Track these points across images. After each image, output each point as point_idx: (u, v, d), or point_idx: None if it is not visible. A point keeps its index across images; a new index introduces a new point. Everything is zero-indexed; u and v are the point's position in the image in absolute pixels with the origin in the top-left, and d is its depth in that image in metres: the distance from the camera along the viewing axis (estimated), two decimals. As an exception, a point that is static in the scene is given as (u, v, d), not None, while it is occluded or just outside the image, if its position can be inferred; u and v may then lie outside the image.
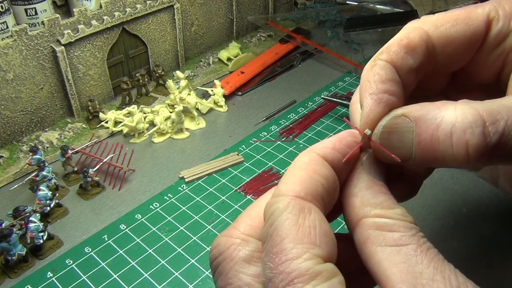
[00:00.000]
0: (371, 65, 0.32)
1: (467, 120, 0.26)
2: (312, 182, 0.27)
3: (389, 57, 0.32)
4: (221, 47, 1.07)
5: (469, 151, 0.26)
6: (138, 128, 0.81)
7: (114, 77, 0.89)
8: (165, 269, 0.58)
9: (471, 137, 0.26)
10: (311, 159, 0.28)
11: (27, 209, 0.60)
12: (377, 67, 0.31)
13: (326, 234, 0.25)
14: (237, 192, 0.70)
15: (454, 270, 0.24)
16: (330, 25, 1.17)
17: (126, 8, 0.84)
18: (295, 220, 0.25)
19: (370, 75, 0.31)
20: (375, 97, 0.30)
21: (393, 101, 0.30)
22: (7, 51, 0.71)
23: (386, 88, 0.30)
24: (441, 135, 0.27)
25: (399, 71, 0.32)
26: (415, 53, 0.32)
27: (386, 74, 0.31)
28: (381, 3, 1.20)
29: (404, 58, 0.32)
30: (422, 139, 0.27)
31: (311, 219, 0.25)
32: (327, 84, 0.96)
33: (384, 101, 0.30)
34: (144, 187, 0.72)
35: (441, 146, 0.27)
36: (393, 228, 0.26)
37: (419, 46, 0.32)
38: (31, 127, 0.79)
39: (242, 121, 0.86)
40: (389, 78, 0.31)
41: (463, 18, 0.33)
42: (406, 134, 0.28)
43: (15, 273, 0.58)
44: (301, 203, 0.26)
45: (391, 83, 0.31)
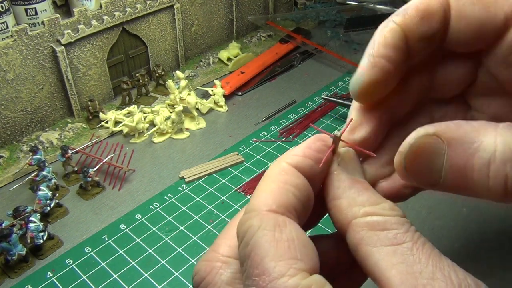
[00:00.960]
0: (384, 25, 0.30)
1: (509, 150, 0.23)
2: (283, 193, 0.26)
3: (404, 20, 0.29)
4: (221, 47, 1.07)
5: (508, 185, 0.23)
6: (138, 128, 0.81)
7: (114, 77, 0.89)
8: (165, 269, 0.58)
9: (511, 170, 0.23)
10: (281, 170, 0.28)
11: (27, 209, 0.60)
12: (387, 29, 0.30)
13: (305, 245, 0.24)
14: (237, 192, 0.70)
15: (452, 265, 0.23)
16: (330, 25, 1.17)
17: (126, 8, 0.84)
18: (271, 236, 0.24)
19: (377, 35, 0.30)
20: (372, 59, 0.29)
21: (388, 68, 0.29)
22: (7, 51, 0.71)
23: (386, 53, 0.29)
24: (478, 163, 0.24)
25: (411, 37, 0.30)
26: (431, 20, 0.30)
27: (393, 38, 0.29)
28: (381, 3, 1.20)
29: (418, 24, 0.29)
30: (454, 164, 0.25)
31: (288, 232, 0.24)
32: (327, 84, 0.96)
33: (379, 66, 0.29)
34: (144, 187, 0.72)
35: (476, 176, 0.24)
36: (385, 226, 0.25)
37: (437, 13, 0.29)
38: (31, 127, 0.79)
39: (242, 121, 0.86)
40: (394, 43, 0.29)
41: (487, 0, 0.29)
42: (437, 157, 0.25)
43: (15, 273, 0.58)
44: (274, 217, 0.25)
45: (393, 49, 0.29)
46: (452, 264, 0.23)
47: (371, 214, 0.26)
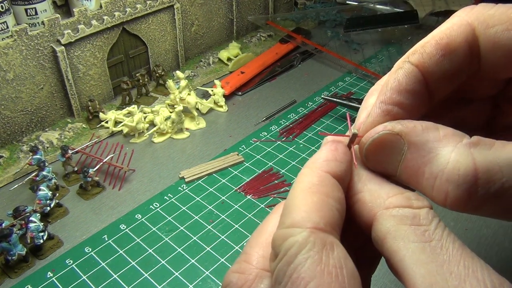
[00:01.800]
0: (398, 66, 0.28)
1: (456, 171, 0.23)
2: (329, 208, 0.24)
3: (421, 60, 0.27)
4: (221, 47, 1.07)
5: (447, 200, 0.24)
6: (138, 128, 0.81)
7: (114, 77, 0.89)
8: (165, 269, 0.58)
9: (453, 189, 0.23)
10: (321, 180, 0.25)
11: (27, 209, 0.60)
12: (402, 71, 0.27)
13: (353, 276, 0.22)
14: (237, 192, 0.70)
15: (486, 267, 0.21)
16: (330, 25, 1.17)
17: (126, 8, 0.84)
18: (318, 259, 0.21)
19: (391, 78, 0.28)
20: (384, 107, 0.27)
21: (402, 116, 0.27)
22: (7, 51, 0.71)
23: (399, 101, 0.27)
24: (427, 172, 0.24)
25: (431, 78, 0.27)
26: (454, 56, 0.27)
27: (407, 83, 0.27)
28: (381, 3, 1.20)
29: (439, 62, 0.27)
30: (409, 165, 0.25)
31: (336, 258, 0.22)
32: (327, 84, 0.96)
33: (392, 114, 0.27)
34: (144, 187, 0.72)
35: (424, 182, 0.25)
36: (414, 220, 0.23)
37: (461, 48, 0.27)
38: (31, 127, 0.79)
39: (242, 121, 0.86)
40: (408, 88, 0.27)
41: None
42: (396, 154, 0.26)
43: (15, 273, 0.58)
44: (322, 237, 0.22)
45: (408, 95, 0.27)
46: (486, 266, 0.22)
47: (397, 205, 0.24)
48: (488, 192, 0.23)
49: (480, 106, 0.33)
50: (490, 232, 0.62)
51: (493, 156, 0.23)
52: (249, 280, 0.25)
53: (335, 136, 0.28)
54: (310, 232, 0.22)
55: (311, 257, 0.21)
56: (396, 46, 1.07)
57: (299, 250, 0.22)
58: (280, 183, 0.71)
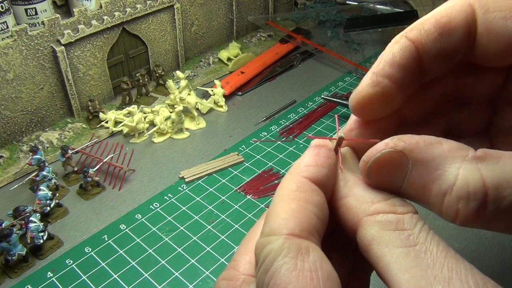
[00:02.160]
0: (395, 40, 0.28)
1: (466, 188, 0.23)
2: (306, 214, 0.24)
3: (418, 36, 0.27)
4: (221, 47, 1.07)
5: (458, 218, 0.24)
6: (138, 128, 0.81)
7: (114, 77, 0.89)
8: (165, 269, 0.58)
9: (463, 207, 0.23)
10: (299, 186, 0.25)
11: (27, 209, 0.60)
12: (398, 45, 0.28)
13: (330, 277, 0.22)
14: (237, 192, 0.70)
15: (470, 268, 0.22)
16: (330, 25, 1.17)
17: (126, 8, 0.84)
18: (293, 264, 0.22)
19: (386, 51, 0.28)
20: (374, 78, 0.27)
21: (390, 89, 0.27)
22: (7, 51, 0.71)
23: (390, 73, 0.27)
24: (435, 190, 0.24)
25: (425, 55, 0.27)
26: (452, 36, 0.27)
27: (401, 57, 0.27)
28: (381, 3, 1.20)
29: (436, 40, 0.27)
30: (415, 183, 0.25)
31: (311, 261, 0.22)
32: (327, 84, 0.96)
33: (381, 86, 0.27)
34: (144, 187, 0.72)
35: (432, 199, 0.24)
36: (398, 225, 0.24)
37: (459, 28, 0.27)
38: (31, 127, 0.79)
39: (242, 121, 0.86)
40: (401, 63, 0.27)
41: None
42: (400, 172, 0.25)
43: (15, 273, 0.58)
44: (297, 242, 0.23)
45: (400, 69, 0.27)
46: (471, 267, 0.22)
47: (382, 211, 0.24)
48: (498, 208, 0.23)
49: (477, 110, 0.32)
50: (490, 232, 0.62)
51: (501, 171, 0.23)
52: (236, 286, 0.26)
53: (320, 140, 0.28)
54: (285, 238, 0.23)
55: (286, 263, 0.22)
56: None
57: (275, 257, 0.22)
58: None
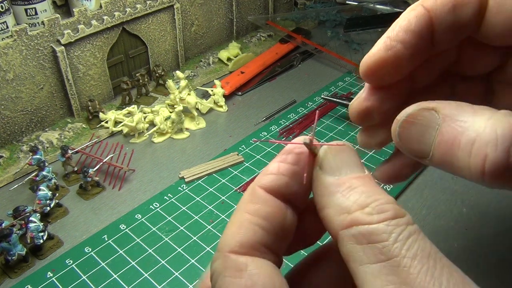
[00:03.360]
0: (412, 8, 0.29)
1: (494, 132, 0.23)
2: (249, 228, 0.24)
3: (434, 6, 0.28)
4: (221, 47, 1.07)
5: (485, 165, 0.23)
6: (138, 128, 0.81)
7: (114, 77, 0.89)
8: (165, 269, 0.58)
9: (491, 151, 0.23)
10: (251, 197, 0.25)
11: (27, 209, 0.60)
12: (413, 13, 0.28)
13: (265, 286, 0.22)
14: (237, 192, 0.70)
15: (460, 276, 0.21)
16: (330, 25, 1.17)
17: (126, 8, 0.84)
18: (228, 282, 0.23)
19: (401, 18, 0.29)
20: (388, 42, 0.28)
21: (403, 54, 0.28)
22: (7, 51, 0.71)
23: (404, 38, 0.28)
24: (464, 140, 0.24)
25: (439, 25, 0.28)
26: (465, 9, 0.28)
27: (416, 24, 0.28)
28: (381, 3, 1.20)
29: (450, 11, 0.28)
30: (444, 139, 0.25)
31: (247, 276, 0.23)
32: (327, 84, 0.96)
33: (394, 50, 0.28)
34: (144, 187, 0.72)
35: (460, 152, 0.24)
36: (371, 237, 0.22)
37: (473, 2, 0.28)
38: (31, 127, 0.79)
39: (242, 121, 0.86)
40: (416, 30, 0.28)
41: None
42: (430, 130, 0.25)
43: (15, 273, 0.58)
44: (235, 259, 0.23)
45: (414, 35, 0.28)
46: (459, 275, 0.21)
47: (356, 223, 0.23)
48: None
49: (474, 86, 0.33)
50: (491, 232, 0.62)
51: None
52: None
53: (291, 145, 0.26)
54: (224, 257, 0.24)
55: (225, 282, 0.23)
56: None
57: (217, 275, 0.23)
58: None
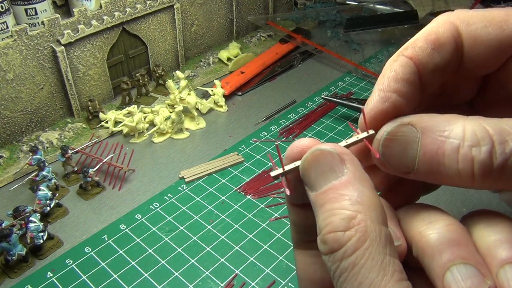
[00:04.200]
0: (393, 59, 0.30)
1: (475, 136, 0.25)
2: None
3: (414, 53, 0.30)
4: (221, 47, 1.07)
5: (475, 168, 0.25)
6: (138, 128, 0.81)
7: (114, 77, 0.89)
8: (165, 269, 0.58)
9: (477, 154, 0.25)
10: None
11: (27, 209, 0.60)
12: (397, 63, 0.30)
13: None
14: (237, 192, 0.70)
15: None
16: (330, 25, 1.17)
17: (126, 8, 0.84)
18: None
19: (387, 70, 0.30)
20: (382, 94, 0.29)
21: (400, 103, 0.29)
22: (7, 51, 0.71)
23: (397, 88, 0.29)
24: (448, 148, 0.25)
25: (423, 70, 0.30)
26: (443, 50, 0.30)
27: (403, 72, 0.29)
28: (381, 3, 1.20)
29: (431, 55, 0.30)
30: (427, 150, 0.26)
31: None
32: (327, 84, 0.96)
33: (391, 100, 0.29)
34: (144, 187, 0.72)
35: (447, 161, 0.26)
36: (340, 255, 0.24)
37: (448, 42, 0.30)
38: (31, 127, 0.79)
39: (242, 121, 0.86)
40: (404, 77, 0.29)
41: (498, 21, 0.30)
42: (411, 144, 0.27)
43: (15, 273, 0.58)
44: None
45: (404, 83, 0.29)
46: None
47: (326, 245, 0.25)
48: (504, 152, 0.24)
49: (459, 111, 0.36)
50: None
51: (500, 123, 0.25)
52: None
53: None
54: None
55: None
56: (396, 46, 1.07)
57: None
58: (280, 183, 0.71)
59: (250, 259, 0.59)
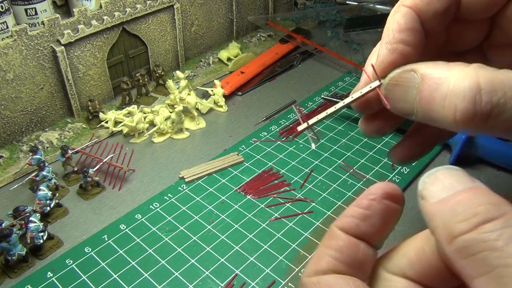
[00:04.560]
0: (394, 11, 0.31)
1: (462, 84, 0.25)
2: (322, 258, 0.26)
3: (413, 2, 0.31)
4: (221, 47, 1.07)
5: (456, 115, 0.26)
6: (138, 128, 0.81)
7: (114, 77, 0.89)
8: (165, 269, 0.58)
9: (459, 101, 0.25)
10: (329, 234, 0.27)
11: (27, 209, 0.60)
12: (399, 14, 0.31)
13: None
14: (237, 192, 0.70)
15: None
16: (330, 25, 1.17)
17: (126, 8, 0.84)
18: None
19: (390, 22, 0.31)
20: (389, 46, 0.30)
21: (408, 52, 0.30)
22: (7, 51, 0.71)
23: (402, 38, 0.30)
24: (438, 95, 0.26)
25: (424, 17, 0.31)
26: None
27: (406, 22, 0.30)
28: (381, 3, 1.20)
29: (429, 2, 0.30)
30: (423, 96, 0.27)
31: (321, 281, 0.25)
32: (327, 84, 0.96)
33: (398, 51, 0.30)
34: (144, 187, 0.72)
35: (435, 106, 0.27)
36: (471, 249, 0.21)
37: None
38: (31, 127, 0.79)
39: (242, 121, 0.86)
40: (408, 27, 0.30)
41: None
42: (411, 89, 0.28)
43: (15, 273, 0.58)
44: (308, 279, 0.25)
45: (409, 32, 0.30)
46: None
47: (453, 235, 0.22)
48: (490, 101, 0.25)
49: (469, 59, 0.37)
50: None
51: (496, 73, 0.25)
52: None
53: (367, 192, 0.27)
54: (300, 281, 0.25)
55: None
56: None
57: None
58: (280, 183, 0.71)
59: (250, 259, 0.59)
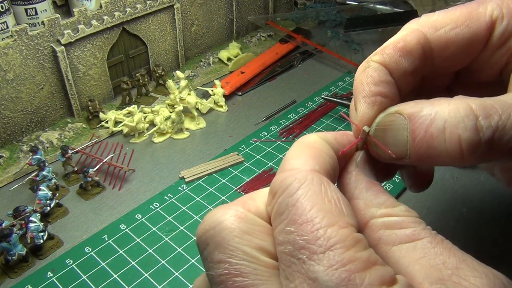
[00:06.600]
0: (364, 66, 0.32)
1: (459, 114, 0.26)
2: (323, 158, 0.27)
3: (383, 59, 0.31)
4: (221, 47, 1.07)
5: (462, 146, 0.26)
6: (138, 128, 0.81)
7: (114, 77, 0.89)
8: (165, 269, 0.58)
9: (462, 131, 0.25)
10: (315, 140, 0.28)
11: (27, 209, 0.60)
12: (370, 69, 0.31)
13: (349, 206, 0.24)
14: (237, 192, 0.70)
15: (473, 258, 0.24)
16: (330, 25, 1.17)
17: (126, 8, 0.84)
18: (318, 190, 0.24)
19: (363, 77, 0.31)
20: (368, 100, 0.30)
21: (386, 103, 0.30)
22: (7, 51, 0.71)
23: (379, 90, 0.30)
24: (435, 130, 0.26)
25: (393, 74, 0.31)
26: (411, 57, 0.32)
27: (379, 75, 0.31)
28: (381, 3, 1.20)
29: (398, 62, 0.31)
30: (416, 135, 0.27)
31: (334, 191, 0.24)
32: (327, 84, 0.96)
33: (377, 103, 0.30)
34: (144, 187, 0.72)
35: (435, 142, 0.26)
36: (403, 225, 0.25)
37: (415, 49, 0.32)
38: (31, 127, 0.79)
39: (242, 121, 0.86)
40: (382, 80, 0.31)
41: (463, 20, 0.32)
42: (401, 132, 0.28)
43: (15, 273, 0.58)
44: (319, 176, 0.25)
45: (384, 84, 0.31)
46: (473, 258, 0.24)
47: (388, 215, 0.26)
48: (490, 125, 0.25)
49: None
50: (491, 233, 0.62)
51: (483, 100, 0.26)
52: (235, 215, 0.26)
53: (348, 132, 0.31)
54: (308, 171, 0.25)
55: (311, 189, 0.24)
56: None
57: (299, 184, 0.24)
58: (280, 183, 0.71)
59: (250, 259, 0.59)
